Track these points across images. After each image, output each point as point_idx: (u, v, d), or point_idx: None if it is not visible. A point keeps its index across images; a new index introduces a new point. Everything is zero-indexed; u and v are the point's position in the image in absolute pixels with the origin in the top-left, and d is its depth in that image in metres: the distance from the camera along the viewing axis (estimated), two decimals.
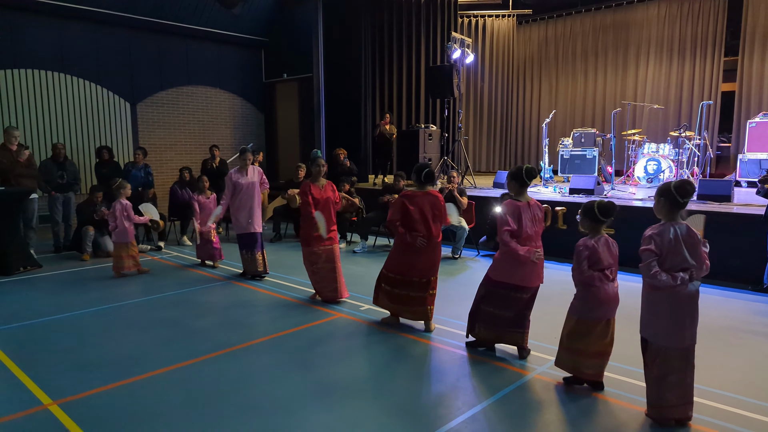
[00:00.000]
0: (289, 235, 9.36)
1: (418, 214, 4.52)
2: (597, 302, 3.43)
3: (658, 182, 9.46)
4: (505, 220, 3.86)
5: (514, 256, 3.82)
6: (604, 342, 3.47)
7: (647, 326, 3.11)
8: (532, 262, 3.84)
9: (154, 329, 4.73)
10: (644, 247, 3.01)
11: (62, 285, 6.27)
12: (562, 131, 13.05)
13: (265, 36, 12.62)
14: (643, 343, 3.15)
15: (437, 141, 10.78)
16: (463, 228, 7.53)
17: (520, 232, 3.86)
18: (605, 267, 3.43)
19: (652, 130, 12.06)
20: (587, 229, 3.50)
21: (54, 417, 3.17)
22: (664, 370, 3.03)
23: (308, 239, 5.42)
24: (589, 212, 3.46)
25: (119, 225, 6.62)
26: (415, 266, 4.57)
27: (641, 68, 12.45)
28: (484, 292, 4.10)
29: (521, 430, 3.01)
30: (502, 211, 3.94)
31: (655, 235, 2.99)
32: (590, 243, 3.42)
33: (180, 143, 11.64)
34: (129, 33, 10.61)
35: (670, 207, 3.02)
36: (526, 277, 3.91)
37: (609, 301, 3.44)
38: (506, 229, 3.84)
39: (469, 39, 11.07)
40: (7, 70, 9.19)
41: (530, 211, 3.94)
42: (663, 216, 3.07)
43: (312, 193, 5.37)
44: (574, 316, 3.51)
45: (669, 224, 3.02)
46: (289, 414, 3.21)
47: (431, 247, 4.55)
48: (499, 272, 3.98)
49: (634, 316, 4.91)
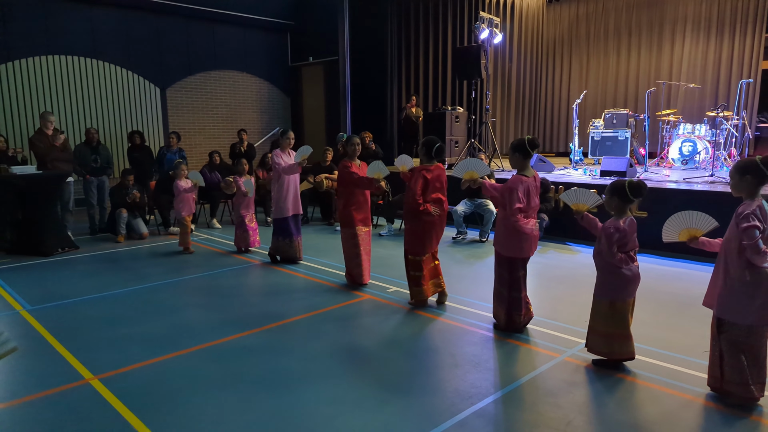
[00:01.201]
0: (316, 219, 9.43)
1: (437, 186, 4.65)
2: (626, 282, 3.41)
3: (694, 164, 9.20)
4: (518, 196, 3.88)
5: (519, 231, 3.92)
6: (630, 321, 3.50)
7: (734, 308, 2.98)
8: (534, 234, 4.00)
9: (188, 308, 4.85)
10: (749, 224, 2.83)
11: (99, 265, 6.46)
12: (593, 112, 12.76)
13: (291, 19, 12.61)
14: (719, 324, 3.05)
15: (464, 123, 10.67)
16: (491, 211, 7.47)
17: (528, 207, 3.95)
18: (631, 248, 3.42)
19: (688, 110, 11.69)
20: (614, 209, 3.45)
21: (96, 391, 3.30)
22: (743, 349, 2.97)
23: (350, 220, 5.34)
24: (618, 191, 3.39)
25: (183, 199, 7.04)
26: (434, 240, 4.72)
27: (677, 46, 12.04)
28: (509, 277, 4.10)
29: (551, 412, 3.01)
30: (510, 187, 3.93)
31: (752, 213, 2.86)
32: (620, 225, 3.37)
33: (208, 127, 11.79)
34: (158, 18, 10.73)
35: (758, 183, 2.92)
36: (530, 248, 4.07)
37: (635, 279, 3.45)
38: (518, 206, 3.88)
39: (498, 18, 10.86)
40: (41, 57, 9.41)
41: (534, 185, 4.03)
42: (746, 194, 2.97)
43: (352, 168, 5.34)
44: (607, 300, 3.47)
45: (756, 200, 2.94)
46: (317, 389, 3.27)
47: (443, 219, 4.71)
48: (509, 248, 4.06)
49: (657, 299, 4.87)
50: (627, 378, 3.42)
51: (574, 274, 5.75)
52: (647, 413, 3.00)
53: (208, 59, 11.62)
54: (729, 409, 3.02)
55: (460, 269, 6.06)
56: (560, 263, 6.25)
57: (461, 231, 7.65)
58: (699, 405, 3.09)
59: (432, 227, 4.64)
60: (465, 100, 12.08)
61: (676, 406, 3.07)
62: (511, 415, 2.99)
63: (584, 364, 3.61)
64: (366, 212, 5.41)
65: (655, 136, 10.71)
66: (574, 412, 3.01)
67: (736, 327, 2.98)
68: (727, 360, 3.03)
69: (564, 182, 7.68)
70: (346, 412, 3.03)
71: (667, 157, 9.68)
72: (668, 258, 6.28)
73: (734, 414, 2.97)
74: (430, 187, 4.61)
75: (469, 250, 7.05)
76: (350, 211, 5.29)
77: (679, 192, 6.67)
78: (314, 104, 12.78)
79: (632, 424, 2.88)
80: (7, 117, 9.12)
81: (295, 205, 6.26)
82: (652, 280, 5.32)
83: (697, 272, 5.73)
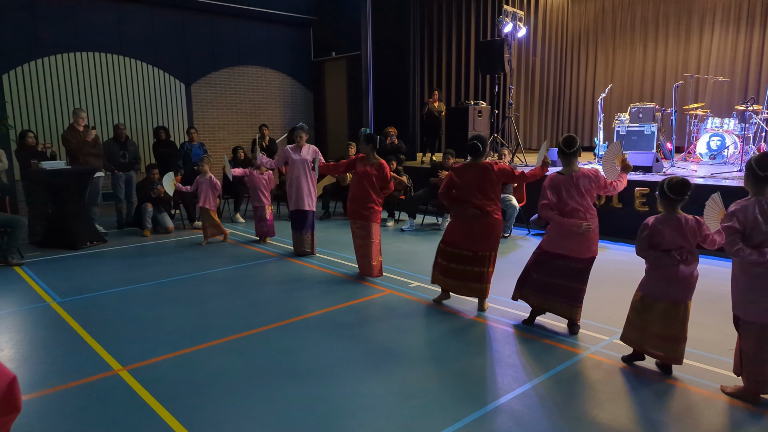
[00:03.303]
0: (338, 213, 9.48)
1: (468, 186, 4.46)
2: (661, 281, 3.34)
3: (722, 159, 9.00)
4: (543, 193, 3.92)
5: (561, 227, 3.87)
6: (674, 326, 3.32)
7: (739, 303, 3.05)
8: (580, 233, 3.83)
9: (212, 301, 4.93)
10: (726, 224, 2.97)
11: (126, 259, 6.61)
12: (618, 106, 12.55)
13: (314, 14, 12.64)
14: (736, 320, 3.10)
15: (487, 118, 10.59)
16: (514, 206, 7.42)
17: (561, 204, 3.88)
18: (670, 248, 3.29)
19: (716, 104, 11.42)
20: (662, 207, 3.41)
21: (124, 381, 3.39)
22: (760, 346, 2.97)
23: (361, 214, 5.51)
24: (659, 189, 3.36)
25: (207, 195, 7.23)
26: (468, 238, 4.47)
27: (705, 37, 11.75)
28: (534, 258, 4.15)
29: (574, 407, 2.99)
30: (544, 184, 3.99)
31: (737, 211, 2.95)
32: (652, 222, 3.35)
33: (232, 123, 11.92)
34: (183, 14, 10.87)
35: (754, 182, 2.97)
36: (575, 248, 3.91)
37: (677, 282, 3.28)
38: (544, 203, 3.90)
39: (522, 12, 10.73)
40: (70, 53, 9.62)
41: (574, 183, 3.89)
42: (750, 190, 3.02)
43: None
44: (639, 292, 3.47)
45: (755, 199, 2.96)
46: (341, 382, 3.30)
47: (486, 220, 4.41)
48: (550, 243, 4.03)
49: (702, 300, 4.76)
50: (651, 375, 3.38)
51: (599, 270, 5.67)
52: (672, 409, 2.96)
53: (232, 55, 11.73)
54: (755, 407, 2.97)
55: None
56: None
57: None
58: (722, 402, 3.04)
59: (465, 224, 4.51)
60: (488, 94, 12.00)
61: (699, 403, 3.02)
62: (534, 410, 2.98)
63: (607, 361, 3.57)
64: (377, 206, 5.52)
65: (682, 130, 10.49)
66: (597, 408, 2.99)
67: (746, 321, 3.03)
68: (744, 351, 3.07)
69: None
70: (369, 405, 3.06)
71: (695, 152, 9.48)
72: None
73: (759, 412, 2.92)
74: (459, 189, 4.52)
75: None
76: (363, 204, 5.43)
77: (707, 188, 6.53)
78: (337, 99, 12.82)
79: (656, 420, 2.85)
80: (37, 113, 9.35)
81: (297, 201, 6.38)
82: None
83: (722, 269, 5.61)
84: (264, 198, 7.25)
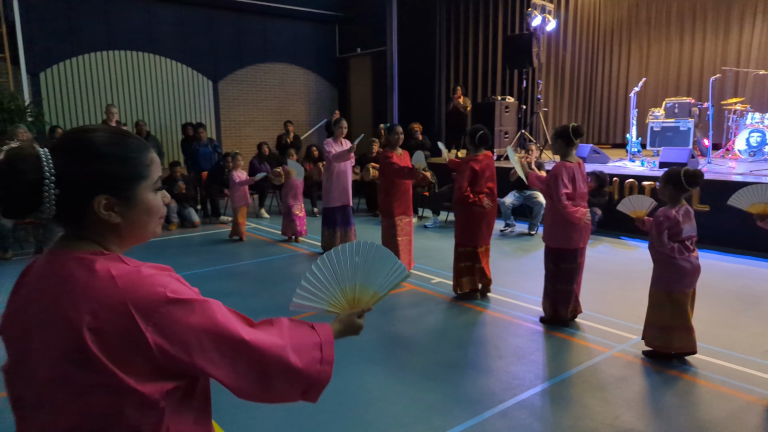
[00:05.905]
0: (361, 210, 9.43)
1: (484, 178, 4.50)
2: (683, 273, 3.25)
3: (762, 156, 8.61)
4: (563, 182, 3.77)
5: (568, 220, 3.77)
6: (691, 313, 3.32)
7: None
8: (584, 223, 3.83)
9: (237, 295, 4.93)
10: None
11: (152, 253, 6.68)
12: (652, 101, 12.14)
13: (339, 10, 12.64)
14: None
15: (514, 113, 10.39)
16: (540, 203, 7.24)
17: (574, 194, 3.81)
18: (685, 238, 3.24)
19: (757, 99, 10.94)
20: (668, 197, 3.30)
21: None
22: None
23: (389, 210, 5.28)
24: (673, 179, 3.24)
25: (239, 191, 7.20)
26: (485, 231, 4.55)
27: (746, 30, 11.27)
28: (554, 268, 3.98)
29: (598, 406, 2.86)
30: (554, 173, 3.81)
31: None
32: (671, 213, 3.23)
33: (258, 119, 12.00)
34: (210, 12, 10.99)
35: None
36: (579, 238, 3.89)
37: (695, 271, 3.29)
38: (564, 192, 3.76)
39: (551, 5, 10.50)
40: (103, 52, 9.82)
41: (580, 172, 3.90)
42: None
43: (393, 159, 5.25)
44: (663, 291, 3.32)
45: None
46: (362, 374, 3.25)
47: (494, 210, 4.57)
48: (556, 239, 3.91)
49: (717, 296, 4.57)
50: (681, 375, 3.22)
51: (628, 269, 5.49)
52: (703, 412, 2.81)
53: (258, 52, 11.81)
54: None
55: (508, 262, 5.90)
56: (613, 257, 5.98)
57: (509, 223, 7.45)
58: (761, 407, 2.87)
59: (482, 218, 4.51)
60: (516, 89, 11.76)
61: (735, 407, 2.86)
62: (555, 407, 2.87)
63: (635, 360, 3.42)
64: (407, 202, 5.33)
65: (720, 126, 10.07)
66: (623, 408, 2.85)
67: None
68: None
69: (620, 174, 7.36)
70: (387, 397, 3.01)
71: (733, 149, 9.10)
72: (730, 254, 5.89)
73: None
74: (480, 177, 4.48)
75: (517, 243, 6.87)
76: (390, 200, 5.23)
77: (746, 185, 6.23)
78: (362, 95, 12.78)
79: (686, 423, 2.69)
80: (72, 110, 9.58)
81: (342, 196, 6.12)
82: (713, 276, 5.00)
83: (760, 269, 5.35)
84: (301, 196, 7.20)
